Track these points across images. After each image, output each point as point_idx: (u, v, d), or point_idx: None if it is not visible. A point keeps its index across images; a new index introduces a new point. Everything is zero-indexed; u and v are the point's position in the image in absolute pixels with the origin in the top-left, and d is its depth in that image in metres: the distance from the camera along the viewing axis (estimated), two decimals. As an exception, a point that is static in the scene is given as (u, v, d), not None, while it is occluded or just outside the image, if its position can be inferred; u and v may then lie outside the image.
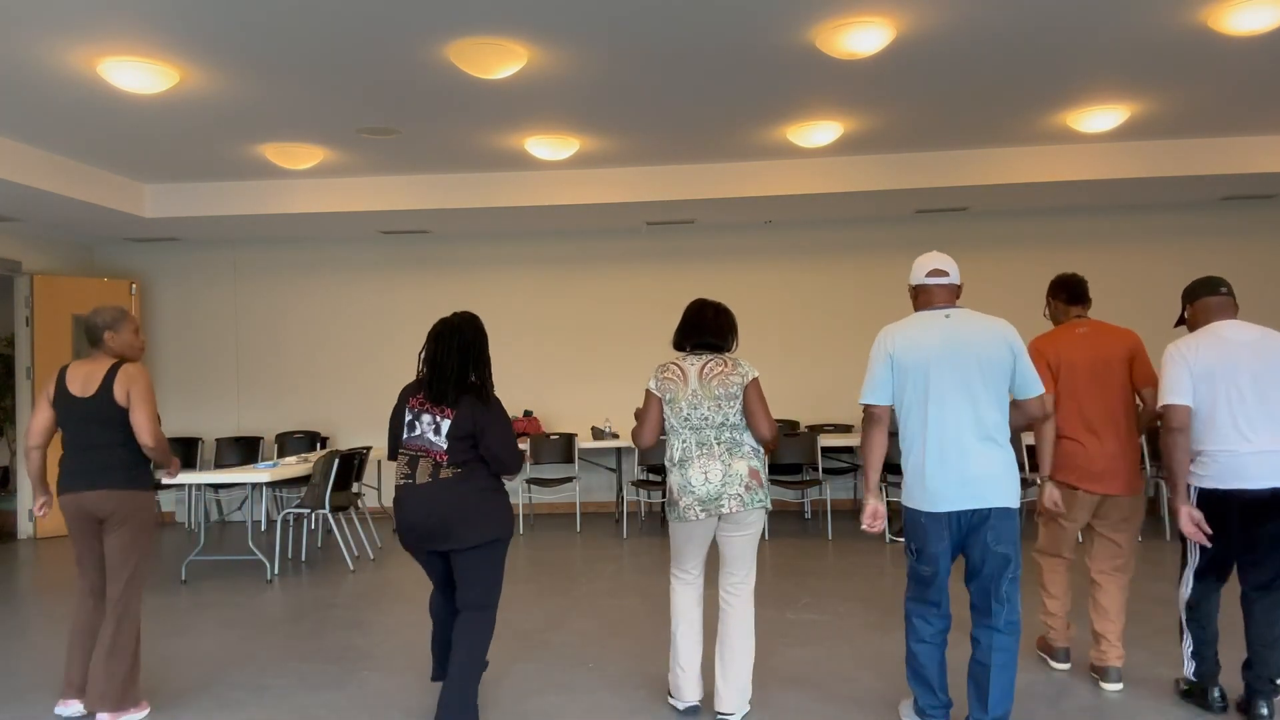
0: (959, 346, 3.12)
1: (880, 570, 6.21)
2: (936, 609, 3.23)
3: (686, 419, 3.52)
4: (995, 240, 8.79)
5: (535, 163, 7.53)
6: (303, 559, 7.06)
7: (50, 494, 3.87)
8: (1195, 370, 3.42)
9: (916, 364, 3.15)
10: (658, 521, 8.48)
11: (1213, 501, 3.41)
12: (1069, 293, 4.06)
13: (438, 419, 3.46)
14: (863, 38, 4.87)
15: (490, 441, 3.46)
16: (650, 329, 9.17)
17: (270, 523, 8.81)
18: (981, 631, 3.15)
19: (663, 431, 3.64)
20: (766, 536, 7.58)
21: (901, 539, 7.21)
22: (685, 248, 9.19)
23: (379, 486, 8.94)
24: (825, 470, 8.09)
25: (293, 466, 6.79)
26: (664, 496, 3.66)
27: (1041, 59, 5.45)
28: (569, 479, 8.31)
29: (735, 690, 3.53)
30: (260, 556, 6.62)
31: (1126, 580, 3.92)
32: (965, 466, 3.07)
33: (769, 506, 3.57)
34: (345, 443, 9.23)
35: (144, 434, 3.75)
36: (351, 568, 6.68)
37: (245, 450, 9.12)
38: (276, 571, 6.59)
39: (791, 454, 7.94)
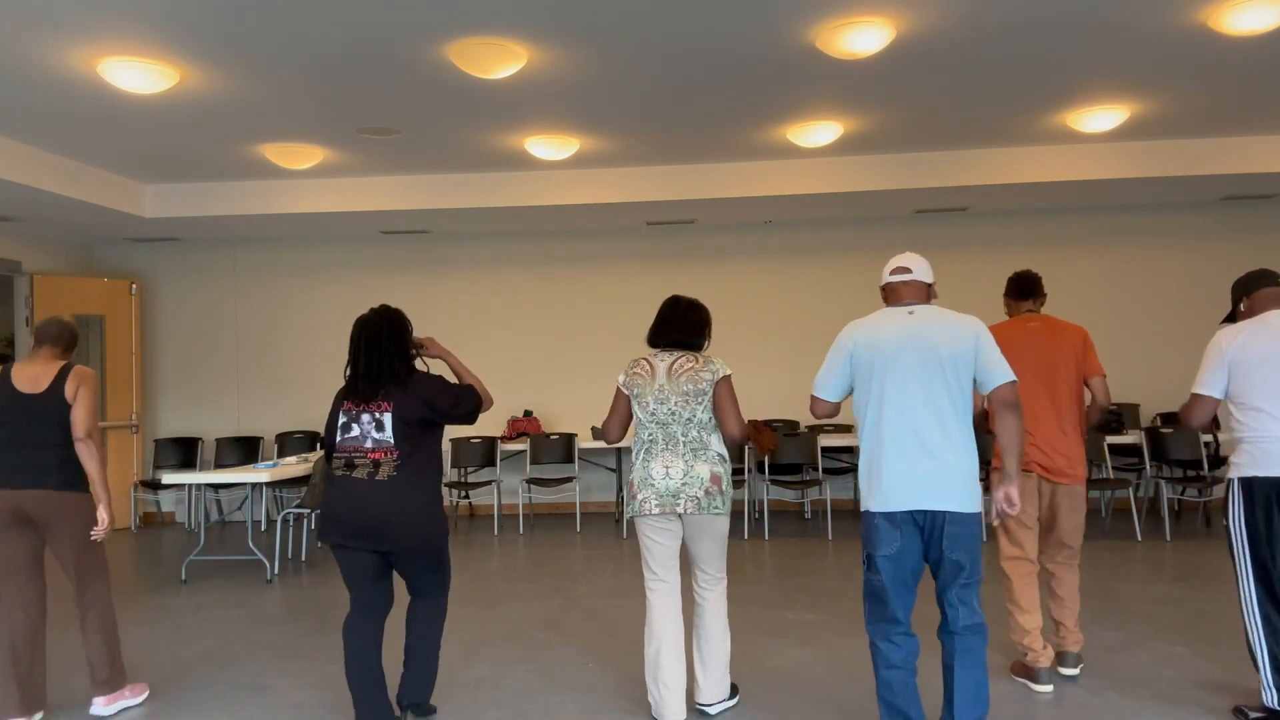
0: (920, 343, 3.02)
1: (880, 570, 6.21)
2: (897, 626, 3.01)
3: (653, 414, 3.51)
4: (995, 240, 8.78)
5: (535, 163, 7.53)
6: (303, 559, 7.06)
7: None
8: (1235, 360, 3.38)
9: (875, 360, 3.05)
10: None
11: (1257, 490, 3.34)
12: (1017, 288, 4.16)
13: (377, 415, 3.40)
14: (863, 38, 4.87)
15: (441, 401, 3.43)
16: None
17: (270, 523, 8.81)
18: (943, 635, 3.03)
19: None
20: (766, 536, 7.58)
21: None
22: (685, 248, 9.19)
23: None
24: (825, 470, 8.10)
25: (293, 466, 6.79)
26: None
27: (1041, 59, 5.45)
28: (569, 479, 8.31)
29: (714, 681, 3.57)
30: (260, 556, 6.62)
31: (1077, 566, 4.03)
32: (919, 467, 2.93)
33: (726, 514, 3.50)
34: (345, 443, 9.22)
35: (77, 426, 3.66)
36: (351, 568, 6.67)
37: (245, 450, 9.12)
38: (276, 571, 6.59)
39: (791, 454, 7.94)
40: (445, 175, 7.93)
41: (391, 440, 3.37)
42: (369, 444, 3.38)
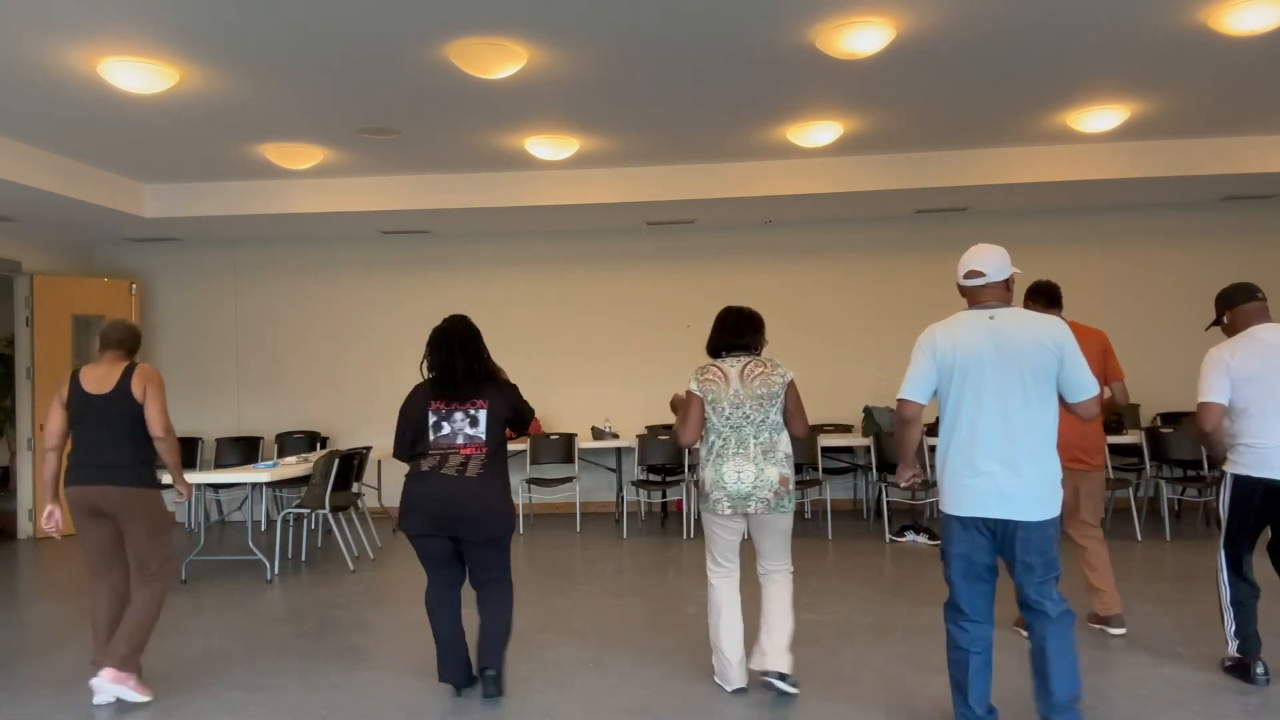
0: (1002, 351, 3.04)
1: (880, 570, 6.21)
2: (963, 616, 3.17)
3: (728, 418, 3.69)
4: (995, 240, 8.62)
5: (535, 163, 7.53)
6: (303, 559, 7.06)
7: (58, 503, 3.97)
8: (1237, 374, 3.73)
9: (956, 366, 3.08)
10: (657, 522, 8.48)
11: (1243, 486, 3.78)
12: (1047, 298, 4.58)
13: (472, 412, 3.75)
14: (863, 38, 4.87)
15: (521, 406, 3.90)
16: (650, 329, 9.17)
17: (270, 523, 8.81)
18: (1034, 617, 3.12)
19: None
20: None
21: (902, 539, 7.26)
22: (685, 248, 9.19)
23: (379, 486, 8.93)
24: (825, 470, 8.10)
25: (293, 466, 6.79)
26: (695, 489, 3.88)
27: (1041, 59, 5.45)
28: (569, 479, 8.31)
29: (782, 651, 3.72)
30: (260, 556, 6.62)
31: (1103, 539, 4.59)
32: (992, 476, 3.01)
33: (791, 511, 3.75)
34: (345, 443, 9.23)
35: (155, 426, 3.91)
36: (351, 568, 6.67)
37: (245, 450, 9.12)
38: (276, 571, 6.59)
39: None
40: (445, 175, 7.92)
41: (483, 436, 3.75)
42: (460, 440, 3.73)
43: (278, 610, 5.53)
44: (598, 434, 8.55)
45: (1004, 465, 3.01)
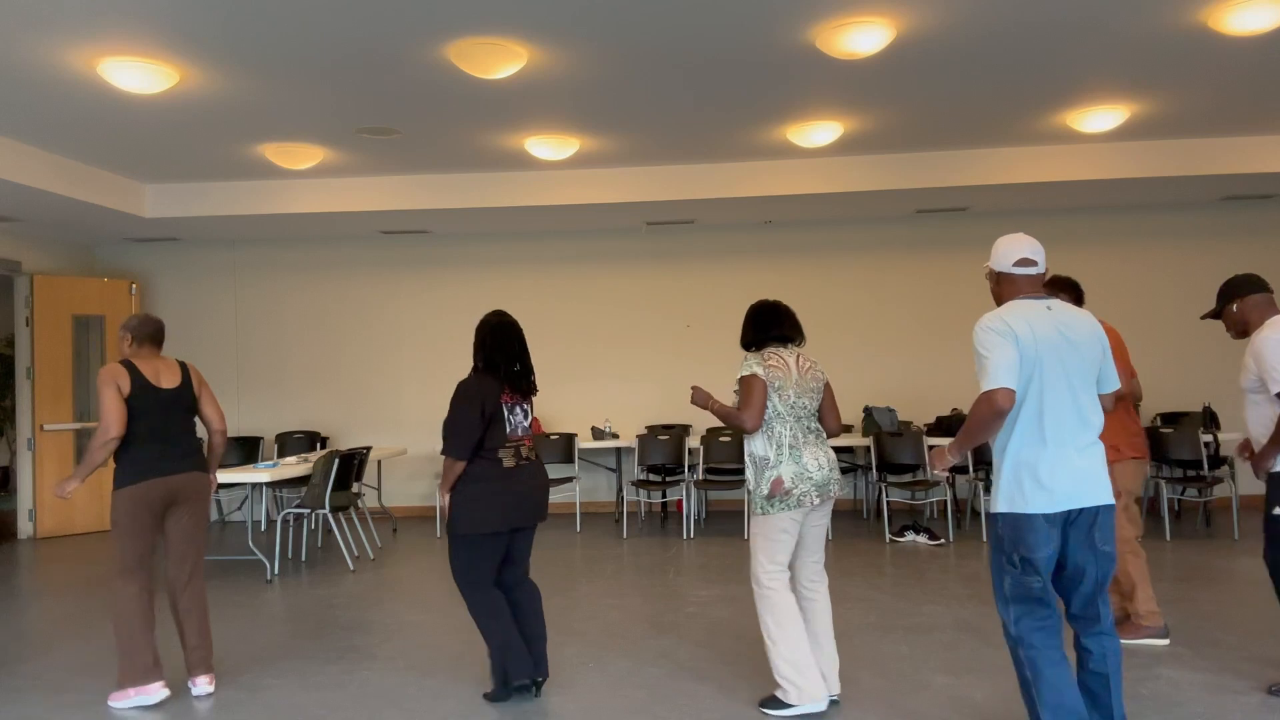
0: (1069, 341, 2.96)
1: (880, 570, 6.21)
2: (1055, 620, 2.92)
3: (793, 406, 3.61)
4: (995, 240, 8.76)
5: (535, 163, 7.53)
6: (303, 559, 7.06)
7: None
8: None
9: (1036, 354, 2.92)
10: (657, 522, 8.48)
11: None
12: (1075, 292, 4.40)
13: (525, 407, 3.90)
14: (863, 38, 4.87)
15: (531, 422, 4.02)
16: (650, 329, 9.17)
17: (270, 523, 8.81)
18: (1092, 640, 2.96)
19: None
20: (766, 536, 7.57)
21: (902, 539, 7.26)
22: (685, 248, 9.19)
23: (379, 487, 8.93)
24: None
25: (293, 466, 6.79)
26: (752, 491, 3.59)
27: (1041, 59, 5.45)
28: (569, 479, 8.31)
29: (836, 671, 3.70)
30: (260, 556, 6.62)
31: (1125, 553, 4.36)
32: (1080, 464, 2.90)
33: None
34: (345, 443, 9.23)
35: (219, 420, 4.21)
36: (351, 568, 6.67)
37: (245, 450, 9.11)
38: (276, 571, 6.59)
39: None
40: (445, 175, 7.93)
41: (529, 429, 3.91)
42: (520, 432, 3.85)
43: (278, 610, 5.53)
44: (598, 434, 8.55)
45: (1088, 454, 2.92)
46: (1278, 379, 3.54)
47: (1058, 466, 2.88)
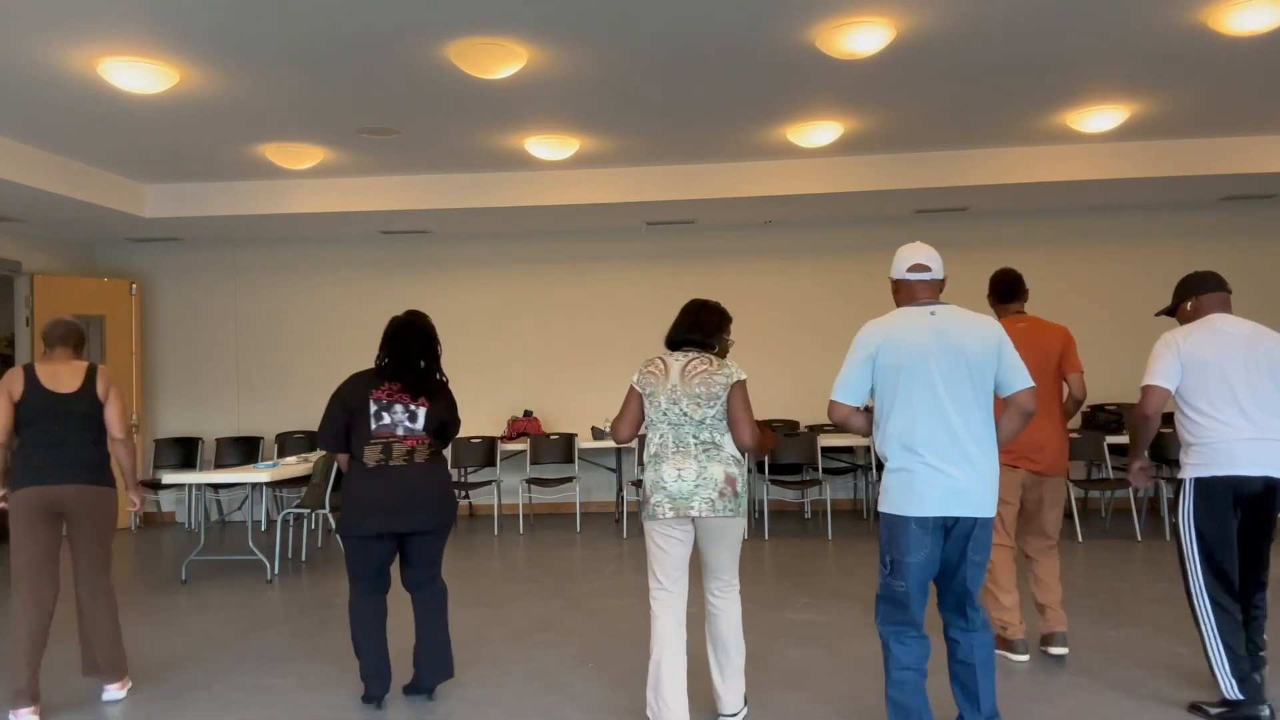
0: (947, 346, 2.97)
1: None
2: (912, 629, 3.02)
3: (664, 414, 3.41)
4: (995, 240, 8.78)
5: (535, 163, 7.53)
6: (303, 559, 7.06)
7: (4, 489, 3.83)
8: (1187, 360, 3.52)
9: (901, 364, 2.98)
10: (658, 521, 8.48)
11: (1209, 491, 3.48)
12: (1001, 292, 4.42)
13: (411, 408, 3.73)
14: (863, 38, 4.87)
15: (451, 430, 3.88)
16: (650, 329, 9.15)
17: (270, 523, 8.81)
18: (960, 634, 3.05)
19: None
20: (766, 536, 7.58)
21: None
22: (685, 248, 9.19)
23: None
24: (825, 470, 8.10)
25: (293, 466, 6.79)
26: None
27: (1041, 59, 5.45)
28: (569, 479, 8.31)
29: (734, 690, 3.52)
30: (260, 556, 6.62)
31: (1056, 552, 4.31)
32: (956, 473, 2.92)
33: (742, 516, 3.43)
34: (345, 443, 9.22)
35: (118, 427, 3.93)
36: (351, 568, 6.67)
37: (245, 450, 9.12)
38: (276, 571, 6.59)
39: (791, 454, 7.94)
40: (445, 175, 7.93)
41: (423, 430, 3.74)
42: (401, 431, 3.70)
43: (278, 610, 5.53)
44: (598, 434, 8.55)
45: (968, 463, 2.92)
46: (1149, 371, 3.59)
47: (933, 474, 2.94)
